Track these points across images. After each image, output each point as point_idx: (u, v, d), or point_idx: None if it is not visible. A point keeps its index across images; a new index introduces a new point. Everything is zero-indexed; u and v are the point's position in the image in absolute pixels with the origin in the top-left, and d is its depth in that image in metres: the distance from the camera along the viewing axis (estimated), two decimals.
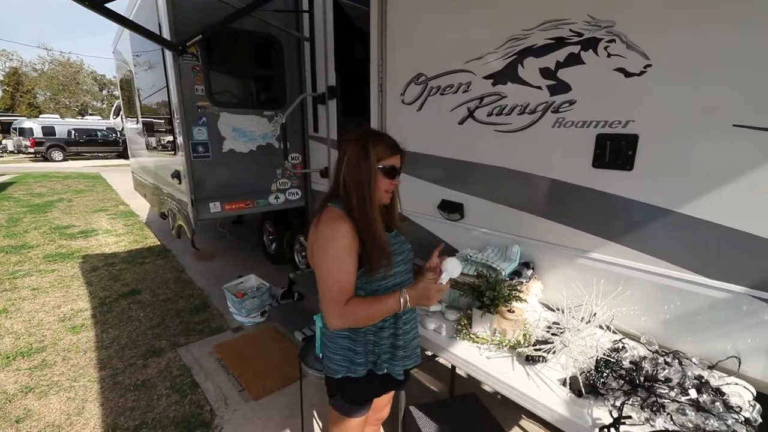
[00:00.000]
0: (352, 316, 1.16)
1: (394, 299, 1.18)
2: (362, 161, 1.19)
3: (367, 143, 1.20)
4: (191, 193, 2.98)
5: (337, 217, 1.17)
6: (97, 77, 35.91)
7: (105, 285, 4.21)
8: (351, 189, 1.19)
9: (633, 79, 1.49)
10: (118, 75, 5.82)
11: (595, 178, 1.65)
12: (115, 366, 2.78)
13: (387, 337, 1.29)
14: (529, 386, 1.28)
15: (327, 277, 1.16)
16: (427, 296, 1.21)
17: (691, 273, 1.45)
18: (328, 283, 1.16)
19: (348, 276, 1.16)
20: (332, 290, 1.15)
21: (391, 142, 1.26)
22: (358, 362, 1.27)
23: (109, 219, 7.28)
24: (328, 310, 1.16)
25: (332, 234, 1.15)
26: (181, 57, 2.78)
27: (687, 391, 1.15)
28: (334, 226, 1.16)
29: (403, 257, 1.31)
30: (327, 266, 1.16)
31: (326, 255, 1.16)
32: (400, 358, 1.31)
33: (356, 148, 1.21)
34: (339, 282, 1.15)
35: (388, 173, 1.23)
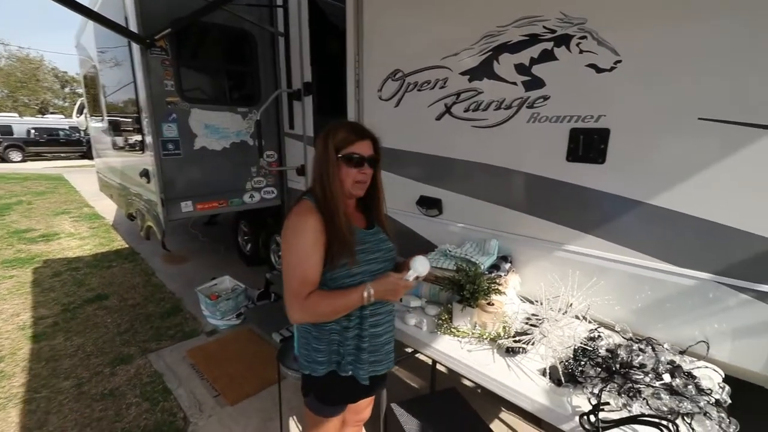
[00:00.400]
0: (313, 310, 1.14)
1: (358, 292, 1.15)
2: (322, 152, 1.19)
3: (327, 133, 1.19)
4: (161, 193, 2.87)
5: (306, 210, 1.16)
6: (59, 74, 34.18)
7: (68, 290, 4.00)
8: (316, 182, 1.19)
9: (604, 74, 1.53)
10: (82, 71, 5.56)
11: (569, 172, 1.68)
12: (80, 375, 2.64)
13: (352, 337, 1.24)
14: (510, 377, 1.29)
15: (290, 270, 1.14)
16: (393, 291, 1.19)
17: (661, 262, 1.50)
18: (291, 276, 1.14)
19: (312, 269, 1.14)
20: (294, 283, 1.13)
21: (353, 128, 1.22)
22: (319, 360, 1.24)
23: (72, 222, 6.93)
24: (289, 302, 1.15)
25: (298, 226, 1.14)
26: (149, 51, 2.67)
27: (661, 376, 1.19)
28: (301, 219, 1.15)
29: (378, 256, 1.26)
30: (291, 258, 1.14)
31: (291, 247, 1.15)
32: (365, 361, 1.24)
33: (319, 140, 1.21)
34: (302, 274, 1.13)
35: (352, 162, 1.19)
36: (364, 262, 1.21)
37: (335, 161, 1.18)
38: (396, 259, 1.35)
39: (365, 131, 1.23)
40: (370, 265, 1.23)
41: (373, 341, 1.27)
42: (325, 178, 1.17)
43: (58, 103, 34.23)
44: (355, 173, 1.20)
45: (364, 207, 1.35)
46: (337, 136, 1.19)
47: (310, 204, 1.17)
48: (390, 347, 1.36)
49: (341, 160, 1.18)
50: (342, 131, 1.20)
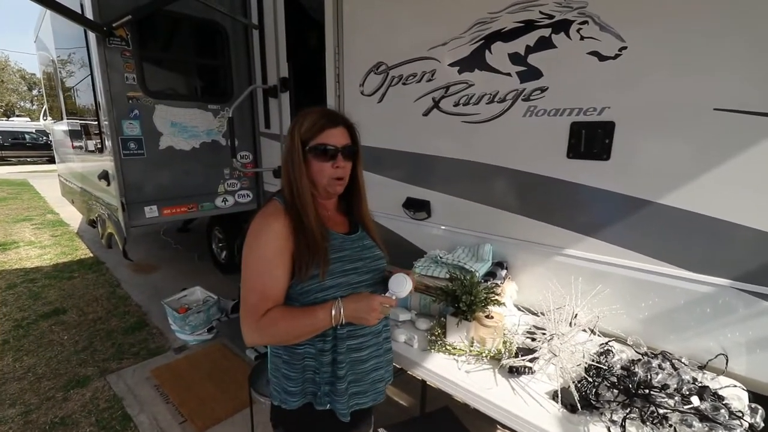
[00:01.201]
0: (271, 330, 0.96)
1: (325, 310, 0.96)
2: (289, 145, 1.03)
3: (295, 124, 1.03)
4: (121, 196, 2.61)
5: (272, 212, 1.00)
6: (25, 76, 32.80)
7: (22, 304, 3.66)
8: (284, 180, 1.04)
9: (608, 62, 1.39)
10: (41, 67, 5.19)
11: (570, 170, 1.54)
12: (27, 401, 2.35)
13: (328, 363, 1.03)
14: (516, 403, 1.12)
15: (248, 282, 0.97)
16: (367, 310, 0.98)
17: (674, 267, 1.37)
18: (247, 289, 0.97)
19: (273, 281, 0.97)
20: (251, 297, 0.96)
21: (323, 114, 1.04)
22: (291, 390, 1.04)
23: (33, 229, 6.48)
24: (244, 321, 0.96)
25: (261, 231, 0.98)
26: (108, 40, 2.42)
27: (689, 398, 1.04)
28: (265, 222, 0.98)
29: (360, 266, 1.06)
30: (250, 268, 0.97)
31: (251, 255, 0.98)
32: (343, 392, 1.03)
33: (288, 133, 1.05)
34: (261, 288, 0.96)
35: (324, 154, 1.01)
36: (340, 273, 1.02)
37: (302, 154, 1.01)
38: (385, 270, 1.15)
39: (337, 116, 1.05)
40: (348, 276, 1.03)
41: (355, 368, 1.07)
42: (292, 175, 1.01)
43: (24, 106, 32.86)
44: (329, 168, 1.02)
45: (347, 209, 1.17)
46: (303, 124, 1.01)
47: (279, 205, 1.01)
48: (377, 375, 1.13)
49: (310, 152, 1.01)
50: (309, 118, 1.02)
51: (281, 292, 0.98)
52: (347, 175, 1.07)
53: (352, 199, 1.15)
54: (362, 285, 1.06)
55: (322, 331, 0.99)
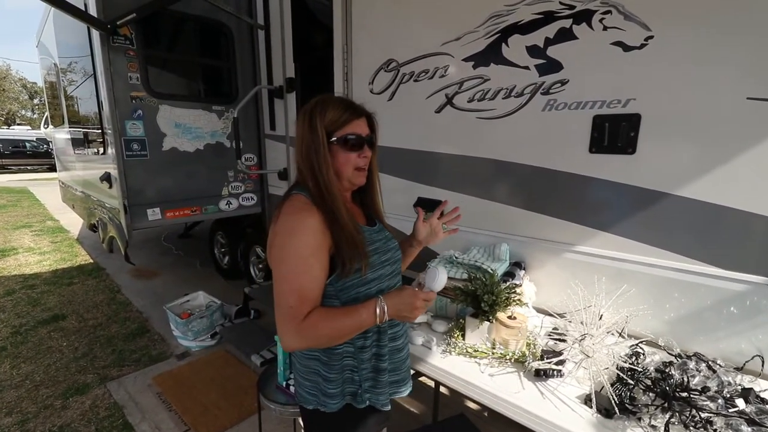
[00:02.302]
0: (313, 333, 0.91)
1: (368, 310, 0.93)
2: (310, 136, 0.97)
3: (313, 114, 0.98)
4: (123, 198, 2.54)
5: (302, 206, 0.94)
6: (27, 84, 32.93)
7: (21, 311, 3.58)
8: (306, 173, 0.99)
9: (633, 53, 1.35)
10: (43, 72, 5.16)
11: (592, 165, 1.49)
12: (25, 410, 2.26)
13: (369, 358, 1.03)
14: (546, 408, 1.05)
15: (285, 284, 0.91)
16: (411, 305, 0.96)
17: (704, 264, 1.30)
18: (285, 291, 0.91)
19: (313, 281, 0.92)
20: (290, 300, 0.90)
21: (346, 105, 1.01)
22: (331, 393, 1.01)
23: (33, 236, 6.41)
24: (283, 326, 0.91)
25: (295, 227, 0.92)
26: (112, 39, 2.38)
27: (733, 401, 0.97)
28: (298, 218, 0.92)
29: (389, 257, 1.07)
30: (286, 268, 0.91)
31: (286, 254, 0.91)
32: (385, 384, 1.05)
33: (302, 122, 0.99)
34: (300, 289, 0.90)
35: (350, 144, 0.99)
36: (379, 265, 1.02)
37: (328, 146, 0.97)
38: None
39: (359, 107, 1.04)
40: (385, 268, 1.04)
41: (394, 357, 1.08)
42: (317, 168, 0.96)
43: (25, 115, 32.96)
44: (355, 158, 1.00)
45: (360, 201, 1.15)
46: (327, 115, 0.98)
47: (306, 199, 0.95)
48: (409, 362, 1.17)
49: (337, 144, 0.98)
50: (332, 109, 0.99)
51: (320, 291, 0.94)
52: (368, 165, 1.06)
53: (366, 191, 1.13)
54: (393, 276, 1.08)
55: (364, 329, 0.97)
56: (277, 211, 0.96)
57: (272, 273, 0.94)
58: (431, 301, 0.99)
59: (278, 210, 0.96)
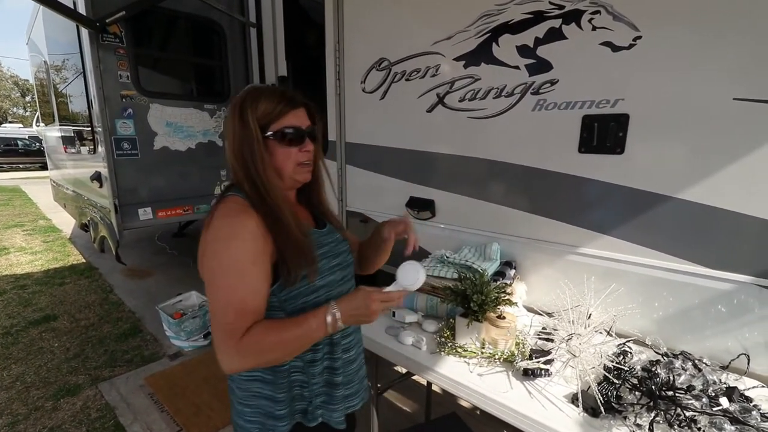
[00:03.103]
0: (255, 350, 0.80)
1: (318, 319, 0.82)
2: (241, 131, 0.87)
3: (243, 106, 0.88)
4: (114, 198, 2.53)
5: (239, 209, 0.84)
6: (19, 82, 32.61)
7: (12, 311, 3.55)
8: (240, 173, 0.88)
9: (621, 53, 1.35)
10: (33, 69, 5.11)
11: (582, 165, 1.49)
12: (15, 411, 2.25)
13: (320, 372, 0.94)
14: (533, 407, 1.06)
15: (221, 297, 0.81)
16: (367, 308, 0.85)
17: (691, 264, 1.31)
18: (222, 306, 0.80)
19: (253, 293, 0.82)
20: (227, 315, 0.79)
21: (280, 94, 0.91)
22: (279, 414, 0.91)
23: (24, 235, 6.36)
24: (221, 345, 0.80)
25: (231, 233, 0.81)
26: (101, 37, 2.36)
27: (717, 399, 0.98)
28: (234, 222, 0.82)
29: (340, 261, 0.99)
30: (222, 280, 0.81)
31: (221, 264, 0.81)
32: (340, 399, 0.96)
33: (232, 116, 0.89)
34: (239, 302, 0.80)
35: (288, 138, 0.90)
36: (328, 271, 0.93)
37: (263, 142, 0.88)
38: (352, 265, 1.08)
39: (296, 96, 0.94)
40: (335, 273, 0.96)
41: (347, 369, 0.99)
42: (252, 166, 0.86)
43: (18, 112, 32.66)
44: (296, 153, 0.91)
45: (306, 200, 1.06)
46: (259, 107, 0.88)
47: (243, 201, 0.86)
48: (364, 372, 1.08)
49: (273, 139, 0.89)
50: (265, 100, 0.89)
51: (262, 303, 0.84)
52: (312, 159, 0.97)
53: (311, 189, 1.03)
54: (344, 281, 0.99)
55: (315, 341, 0.87)
56: (210, 216, 0.85)
57: (205, 286, 0.83)
58: (393, 301, 0.89)
59: (210, 214, 0.85)
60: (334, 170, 2.44)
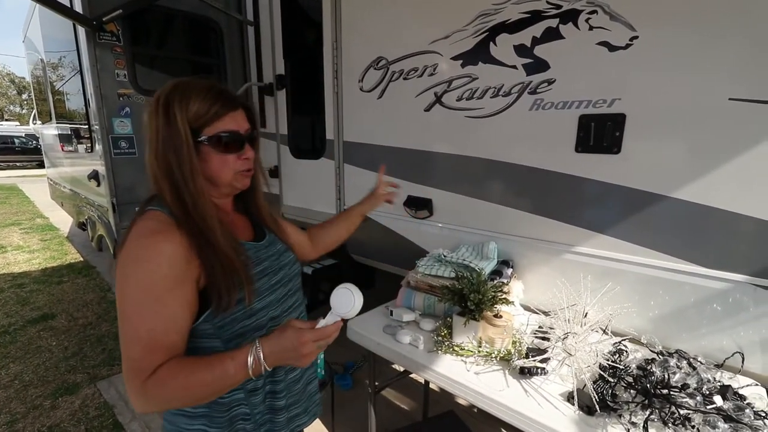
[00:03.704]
0: (160, 395, 0.70)
1: (236, 360, 0.70)
2: (167, 132, 0.75)
3: (170, 102, 0.76)
4: (112, 197, 2.52)
5: (158, 228, 0.73)
6: (15, 79, 32.45)
7: (9, 310, 3.55)
8: (162, 182, 0.76)
9: (618, 53, 1.35)
10: (30, 67, 5.08)
11: (578, 164, 1.49)
12: (14, 410, 2.25)
13: (262, 401, 0.86)
14: (529, 405, 1.07)
15: (127, 328, 0.70)
16: (297, 352, 0.71)
17: (687, 263, 1.32)
18: (128, 339, 0.70)
19: (166, 325, 0.71)
20: (133, 350, 0.70)
21: (216, 93, 0.80)
22: None
23: (22, 234, 6.35)
24: (127, 382, 0.71)
25: (143, 255, 0.71)
26: (97, 35, 2.35)
27: (711, 398, 0.99)
28: (149, 243, 0.71)
29: (281, 277, 0.91)
30: (130, 308, 0.70)
31: (130, 290, 0.70)
32: (283, 423, 0.89)
33: (155, 113, 0.77)
34: (147, 336, 0.69)
35: (225, 144, 0.80)
36: (268, 291, 0.85)
37: (195, 146, 0.77)
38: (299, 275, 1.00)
39: (233, 95, 0.84)
40: (276, 291, 0.88)
41: (291, 390, 0.91)
42: (179, 174, 0.75)
43: (14, 110, 32.52)
44: (234, 161, 0.82)
45: (244, 208, 0.97)
46: (190, 106, 0.76)
47: (164, 217, 0.75)
48: (314, 386, 1.00)
49: (208, 144, 0.79)
50: (197, 99, 0.77)
51: (179, 337, 0.73)
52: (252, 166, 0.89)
53: (249, 195, 0.95)
54: (288, 296, 0.92)
55: (236, 386, 0.76)
56: (126, 233, 0.74)
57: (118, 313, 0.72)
58: (330, 337, 0.74)
59: (127, 231, 0.74)
60: (333, 169, 2.44)
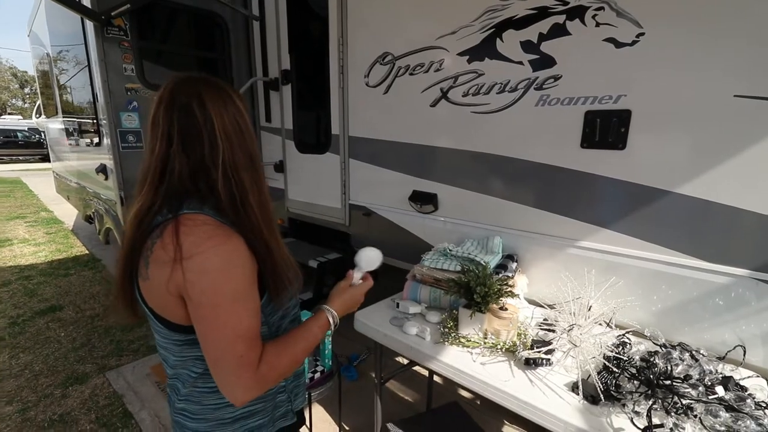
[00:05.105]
0: (274, 376, 0.77)
1: (319, 323, 0.88)
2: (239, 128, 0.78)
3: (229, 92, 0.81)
4: (120, 190, 2.55)
5: (223, 232, 0.73)
6: (17, 73, 32.47)
7: (17, 302, 3.59)
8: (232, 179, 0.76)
9: (624, 49, 1.37)
10: (35, 62, 5.10)
11: (584, 160, 1.51)
12: (25, 398, 2.30)
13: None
14: (534, 395, 1.10)
15: (226, 331, 0.72)
16: (355, 298, 0.98)
17: (690, 257, 1.34)
18: (229, 340, 0.72)
19: (256, 318, 0.76)
20: (238, 348, 0.72)
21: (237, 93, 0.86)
22: (261, 423, 0.90)
23: (27, 227, 6.39)
24: (236, 379, 0.73)
25: (228, 258, 0.72)
26: (106, 30, 2.36)
27: (713, 388, 1.02)
28: (227, 246, 0.72)
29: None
30: (225, 314, 0.71)
31: (224, 294, 0.71)
32: (302, 386, 1.03)
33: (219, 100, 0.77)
34: (246, 331, 0.73)
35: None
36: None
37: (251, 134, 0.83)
38: None
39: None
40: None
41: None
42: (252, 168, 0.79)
43: (17, 104, 32.56)
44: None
45: None
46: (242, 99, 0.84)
47: (212, 219, 0.74)
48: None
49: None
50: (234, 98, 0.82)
51: (260, 326, 0.79)
52: None
53: None
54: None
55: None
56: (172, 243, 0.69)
57: (198, 320, 0.72)
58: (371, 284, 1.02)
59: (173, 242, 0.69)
60: (338, 164, 2.46)
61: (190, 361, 0.82)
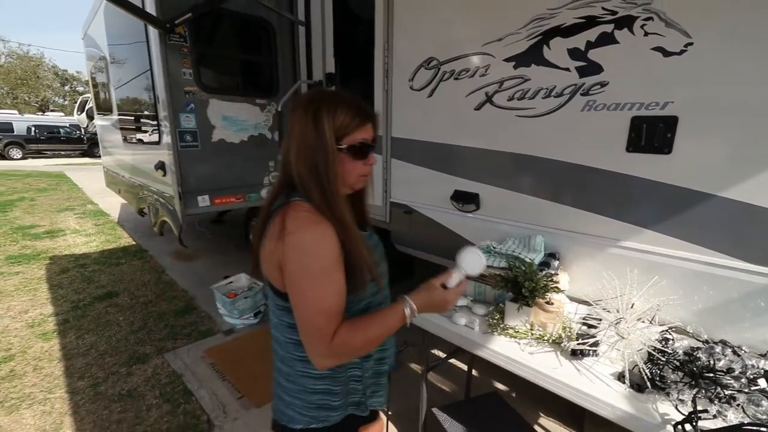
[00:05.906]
0: (346, 351, 0.87)
1: (395, 314, 0.90)
2: (315, 140, 0.85)
3: (319, 112, 0.85)
4: (178, 186, 2.76)
5: (316, 218, 0.84)
6: (59, 72, 34.06)
7: (77, 287, 3.89)
8: (309, 181, 0.86)
9: (672, 58, 1.42)
10: (89, 64, 5.43)
11: (629, 163, 1.57)
12: (95, 375, 2.53)
13: (374, 363, 1.03)
14: (582, 382, 1.19)
15: (310, 305, 0.83)
16: (442, 303, 0.95)
17: (733, 259, 1.39)
18: (311, 313, 0.83)
19: (338, 296, 0.85)
20: (317, 321, 0.83)
21: (357, 107, 0.90)
22: (334, 405, 0.97)
23: (76, 218, 6.82)
24: (314, 349, 0.85)
25: (317, 240, 0.83)
26: (168, 37, 2.56)
27: (756, 381, 1.08)
28: (319, 230, 0.83)
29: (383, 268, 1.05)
30: (310, 288, 0.83)
31: (308, 270, 0.82)
32: (384, 386, 1.08)
33: (305, 121, 0.86)
34: (327, 308, 0.83)
35: (358, 152, 0.90)
36: (383, 274, 1.02)
37: (336, 152, 0.86)
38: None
39: (370, 110, 0.93)
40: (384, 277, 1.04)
41: (388, 353, 1.09)
42: (324, 175, 0.85)
43: (58, 101, 34.14)
44: (361, 167, 0.92)
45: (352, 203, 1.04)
46: (337, 117, 0.86)
47: (311, 207, 0.86)
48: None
49: (346, 152, 0.88)
50: (343, 111, 0.87)
51: (344, 304, 0.87)
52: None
53: (360, 195, 1.03)
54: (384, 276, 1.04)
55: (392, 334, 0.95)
56: (280, 223, 0.83)
57: (292, 295, 0.85)
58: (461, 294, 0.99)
59: (281, 222, 0.83)
60: (380, 163, 2.58)
61: (283, 328, 0.95)
